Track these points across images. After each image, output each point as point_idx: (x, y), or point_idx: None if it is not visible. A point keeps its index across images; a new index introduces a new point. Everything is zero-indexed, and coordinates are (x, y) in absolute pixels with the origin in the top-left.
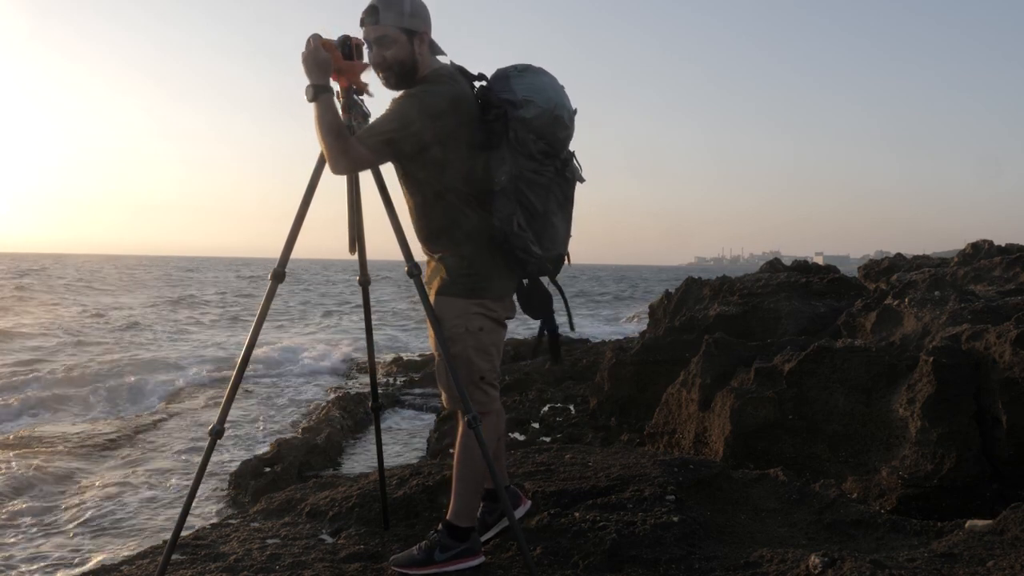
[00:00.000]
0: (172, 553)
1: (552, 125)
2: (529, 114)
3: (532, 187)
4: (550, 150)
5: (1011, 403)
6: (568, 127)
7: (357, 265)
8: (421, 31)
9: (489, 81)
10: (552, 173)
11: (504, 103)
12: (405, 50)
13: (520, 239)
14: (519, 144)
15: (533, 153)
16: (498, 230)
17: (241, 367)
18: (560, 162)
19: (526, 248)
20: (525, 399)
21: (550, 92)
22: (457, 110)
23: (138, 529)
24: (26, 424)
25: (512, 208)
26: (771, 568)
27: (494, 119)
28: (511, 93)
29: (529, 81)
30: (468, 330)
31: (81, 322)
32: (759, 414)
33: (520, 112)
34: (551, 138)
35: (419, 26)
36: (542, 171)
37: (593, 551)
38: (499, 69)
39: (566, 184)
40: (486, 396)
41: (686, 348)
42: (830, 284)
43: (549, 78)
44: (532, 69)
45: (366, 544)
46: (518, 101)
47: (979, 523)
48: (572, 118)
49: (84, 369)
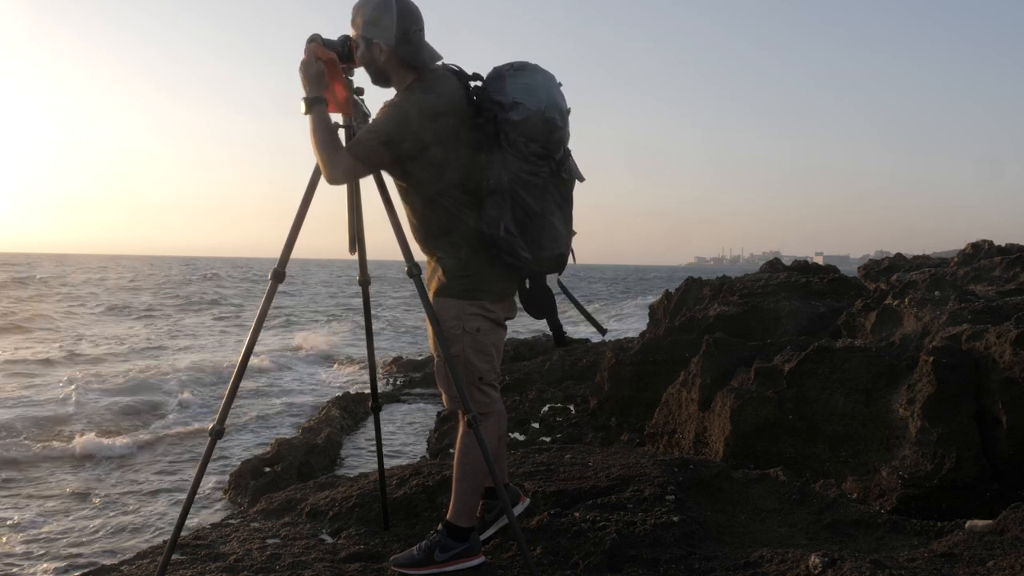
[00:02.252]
0: (172, 553)
1: (543, 127)
2: (518, 117)
3: (528, 189)
4: (543, 151)
5: (1011, 403)
6: (561, 128)
7: (357, 265)
8: (374, 40)
9: (484, 81)
10: (547, 174)
11: (494, 105)
12: (367, 57)
13: (507, 243)
14: (511, 146)
15: (526, 155)
16: (484, 235)
17: (241, 367)
18: (555, 162)
19: (513, 252)
20: (525, 399)
21: (542, 93)
22: (455, 111)
23: (138, 529)
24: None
25: (501, 212)
26: (771, 568)
27: (485, 121)
28: (503, 95)
29: (523, 81)
30: (466, 331)
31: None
32: (759, 414)
33: (509, 115)
34: (543, 140)
35: (374, 34)
36: (537, 172)
37: (593, 551)
38: (495, 67)
39: (563, 184)
40: (486, 397)
41: (686, 348)
42: (830, 284)
43: (544, 77)
44: (528, 68)
45: (366, 544)
46: (508, 104)
47: (979, 523)
48: (565, 118)
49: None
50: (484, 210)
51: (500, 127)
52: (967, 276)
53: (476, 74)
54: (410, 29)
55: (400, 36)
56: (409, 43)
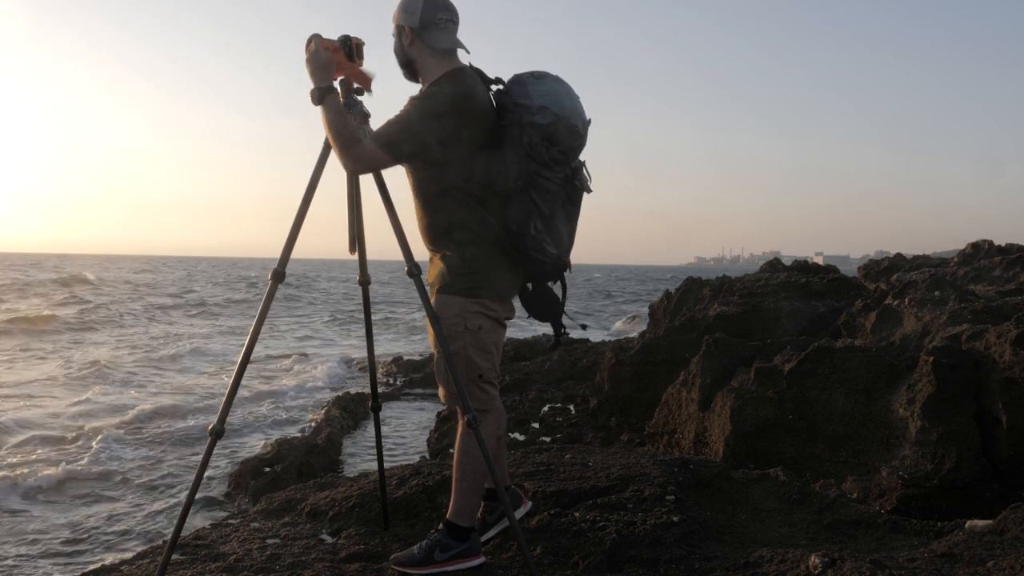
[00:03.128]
0: (172, 553)
1: (566, 132)
2: (544, 120)
3: (541, 192)
4: (561, 157)
5: (1011, 403)
6: (581, 136)
7: (357, 265)
8: (403, 25)
9: (506, 85)
10: (561, 180)
11: (519, 108)
12: (397, 46)
13: (535, 240)
14: (531, 149)
15: (545, 159)
16: (513, 232)
17: (241, 367)
18: (570, 170)
19: (540, 248)
20: (525, 399)
21: (566, 100)
22: (459, 110)
23: (138, 529)
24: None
25: (528, 209)
26: (771, 568)
27: (509, 123)
28: (527, 98)
29: (546, 88)
30: (467, 328)
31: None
32: (759, 414)
33: (535, 118)
34: (563, 145)
35: (402, 20)
36: (552, 177)
37: (593, 551)
38: (516, 75)
39: (574, 192)
40: (485, 394)
41: (686, 348)
42: (830, 284)
43: (565, 87)
44: (550, 76)
45: (366, 544)
46: (534, 107)
47: (979, 523)
48: (586, 128)
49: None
50: (510, 208)
51: (524, 129)
52: (967, 276)
53: (498, 78)
54: (437, 14)
55: (425, 19)
56: (435, 28)
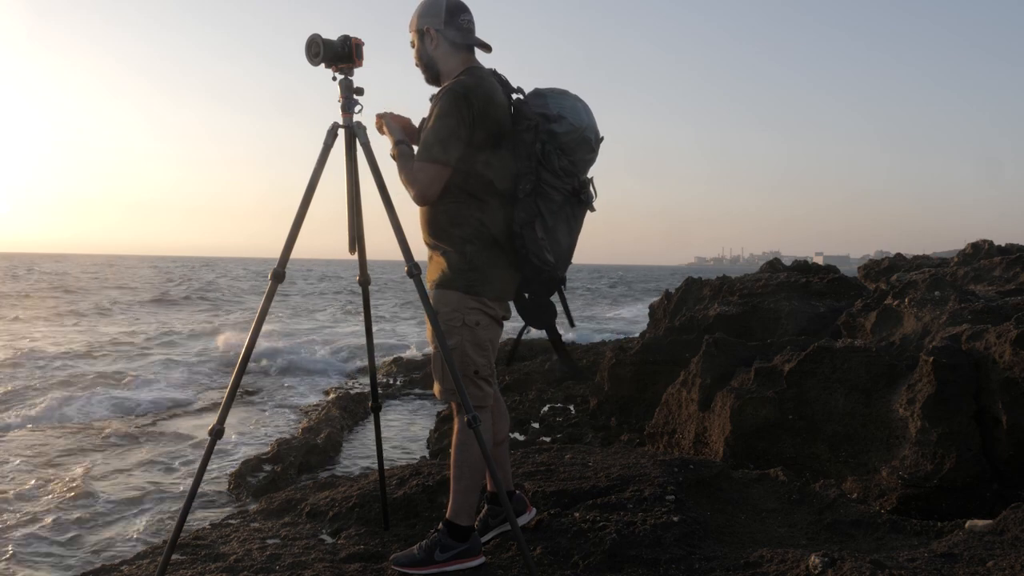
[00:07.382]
0: (172, 553)
1: (579, 144)
2: (560, 129)
3: (546, 200)
4: (571, 168)
5: (1011, 403)
6: (594, 150)
7: (357, 265)
8: (424, 28)
9: (526, 96)
10: (568, 191)
11: (537, 116)
12: (420, 50)
13: (537, 245)
14: (544, 156)
15: (555, 168)
16: (516, 234)
17: (241, 367)
18: (578, 182)
19: (541, 255)
20: (525, 399)
21: (583, 115)
22: (459, 110)
23: (138, 529)
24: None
25: (533, 213)
26: (771, 568)
27: (524, 129)
28: (546, 108)
29: (566, 103)
30: (465, 324)
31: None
32: (759, 414)
33: (552, 126)
34: (575, 156)
35: (424, 23)
36: (559, 187)
37: (593, 551)
38: (537, 88)
39: (579, 205)
40: (480, 391)
41: (686, 348)
42: (830, 284)
43: (584, 104)
44: (570, 94)
45: (366, 544)
46: (552, 115)
47: (979, 523)
48: (599, 143)
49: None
50: (516, 210)
51: (539, 136)
52: (967, 276)
53: (519, 88)
54: (458, 14)
55: (448, 19)
56: (459, 28)
